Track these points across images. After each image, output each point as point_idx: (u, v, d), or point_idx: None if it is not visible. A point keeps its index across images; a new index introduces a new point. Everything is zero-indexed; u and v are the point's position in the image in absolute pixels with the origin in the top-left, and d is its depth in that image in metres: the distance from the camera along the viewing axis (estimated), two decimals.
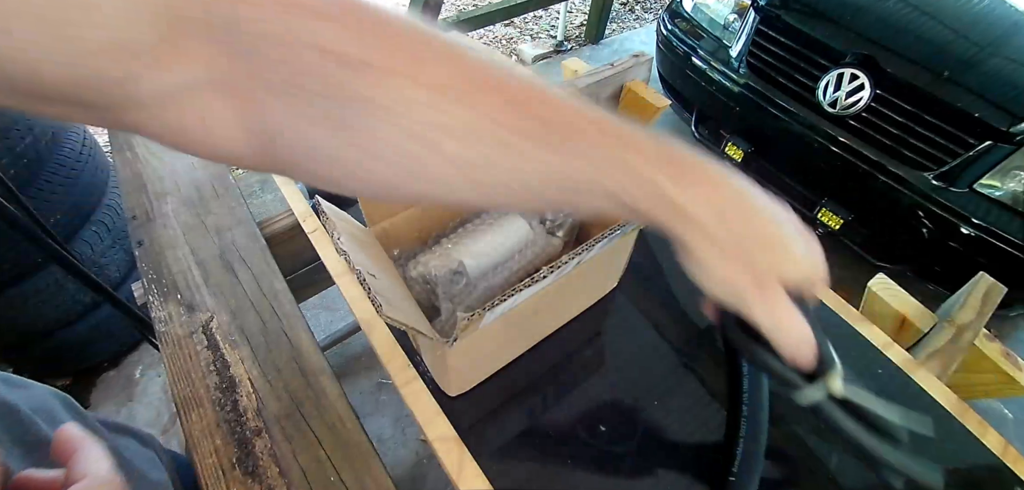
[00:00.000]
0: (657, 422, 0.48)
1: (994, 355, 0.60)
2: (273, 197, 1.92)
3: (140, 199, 0.71)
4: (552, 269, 0.36)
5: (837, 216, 1.55)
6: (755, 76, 1.66)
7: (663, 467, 0.45)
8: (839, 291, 0.59)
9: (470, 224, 0.53)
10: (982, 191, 1.34)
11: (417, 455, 1.27)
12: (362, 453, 0.49)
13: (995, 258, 1.32)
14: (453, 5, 3.38)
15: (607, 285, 0.57)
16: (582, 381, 0.51)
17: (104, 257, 1.18)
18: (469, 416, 0.47)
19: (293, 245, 0.75)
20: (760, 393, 0.48)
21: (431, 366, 0.49)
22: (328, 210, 0.39)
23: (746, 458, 0.45)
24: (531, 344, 0.52)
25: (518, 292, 0.34)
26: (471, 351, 0.44)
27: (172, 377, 0.53)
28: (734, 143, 1.75)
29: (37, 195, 1.00)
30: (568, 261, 0.37)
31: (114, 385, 1.34)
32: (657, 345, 0.54)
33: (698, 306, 0.57)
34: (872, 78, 1.43)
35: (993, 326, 0.61)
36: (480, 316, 0.33)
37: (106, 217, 1.20)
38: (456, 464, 0.44)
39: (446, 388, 0.48)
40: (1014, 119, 1.29)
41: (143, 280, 0.62)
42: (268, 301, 0.61)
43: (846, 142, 1.47)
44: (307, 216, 0.64)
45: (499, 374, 0.50)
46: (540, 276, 0.35)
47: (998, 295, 0.66)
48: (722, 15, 1.81)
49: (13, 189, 0.85)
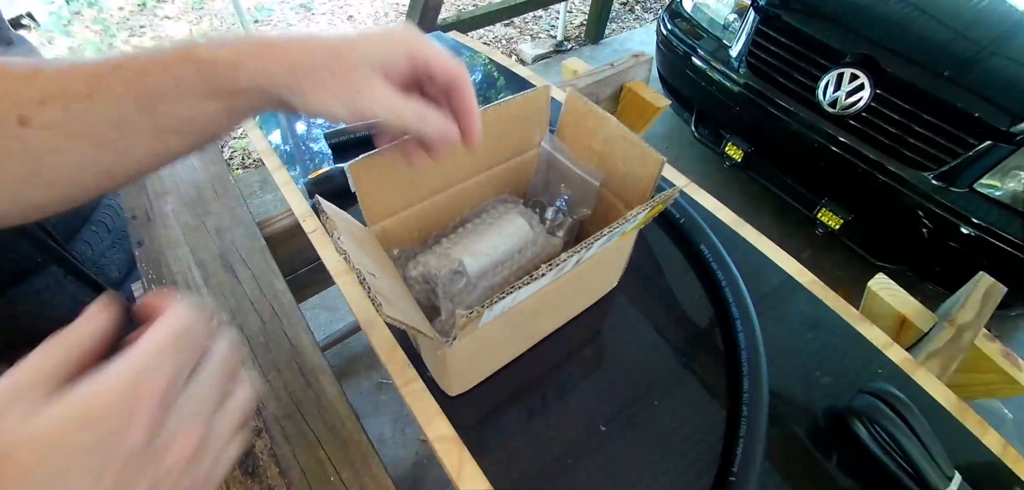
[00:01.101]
0: (657, 422, 0.48)
1: (994, 355, 0.60)
2: (273, 197, 1.93)
3: (140, 199, 0.71)
4: (551, 267, 0.36)
5: (837, 216, 1.55)
6: (755, 76, 1.66)
7: (663, 467, 0.45)
8: (839, 291, 0.59)
9: (470, 224, 0.53)
10: (982, 191, 1.34)
11: (417, 455, 1.27)
12: (362, 453, 0.49)
13: (995, 258, 1.32)
14: (453, 5, 3.38)
15: (607, 285, 0.57)
16: (582, 381, 0.51)
17: (104, 257, 1.18)
18: (469, 416, 0.47)
19: (293, 245, 0.75)
20: (760, 393, 0.48)
21: (431, 366, 0.49)
22: (328, 209, 0.39)
23: (746, 458, 0.45)
24: (531, 343, 0.52)
25: (517, 290, 0.34)
26: (471, 351, 0.44)
27: None
28: (734, 143, 1.75)
29: None
30: (567, 259, 0.37)
31: None
32: (657, 345, 0.54)
33: (698, 307, 0.57)
34: (872, 78, 1.43)
35: (993, 326, 0.61)
36: (479, 314, 0.33)
37: (106, 217, 1.20)
38: (456, 464, 0.44)
39: (446, 388, 0.48)
40: (1014, 119, 1.29)
41: (143, 280, 0.62)
42: (268, 301, 0.61)
43: (846, 142, 1.47)
44: (307, 216, 0.64)
45: (499, 374, 0.50)
46: (539, 274, 0.35)
47: (998, 295, 0.66)
48: (722, 15, 1.81)
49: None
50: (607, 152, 0.52)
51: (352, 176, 0.46)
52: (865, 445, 0.45)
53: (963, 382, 0.61)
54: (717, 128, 1.86)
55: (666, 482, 0.45)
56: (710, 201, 0.69)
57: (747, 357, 0.51)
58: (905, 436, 0.43)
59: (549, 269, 0.36)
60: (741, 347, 0.52)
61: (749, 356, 0.51)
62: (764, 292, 0.59)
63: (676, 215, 0.65)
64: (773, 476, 0.46)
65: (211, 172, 0.76)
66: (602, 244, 0.40)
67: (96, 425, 0.18)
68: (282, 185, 0.68)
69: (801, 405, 0.50)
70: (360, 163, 0.42)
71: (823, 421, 0.49)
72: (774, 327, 0.55)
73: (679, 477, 0.45)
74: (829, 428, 0.49)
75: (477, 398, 0.49)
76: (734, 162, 1.77)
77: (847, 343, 0.55)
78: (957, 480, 0.43)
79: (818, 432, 0.49)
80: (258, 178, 2.01)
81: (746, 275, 0.58)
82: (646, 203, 0.41)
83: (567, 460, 0.45)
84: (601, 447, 0.46)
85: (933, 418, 0.49)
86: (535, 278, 0.35)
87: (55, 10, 2.86)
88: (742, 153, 1.73)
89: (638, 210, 0.40)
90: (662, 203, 0.42)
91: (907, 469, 0.44)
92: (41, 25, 2.77)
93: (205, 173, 0.76)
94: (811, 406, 0.50)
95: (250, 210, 0.72)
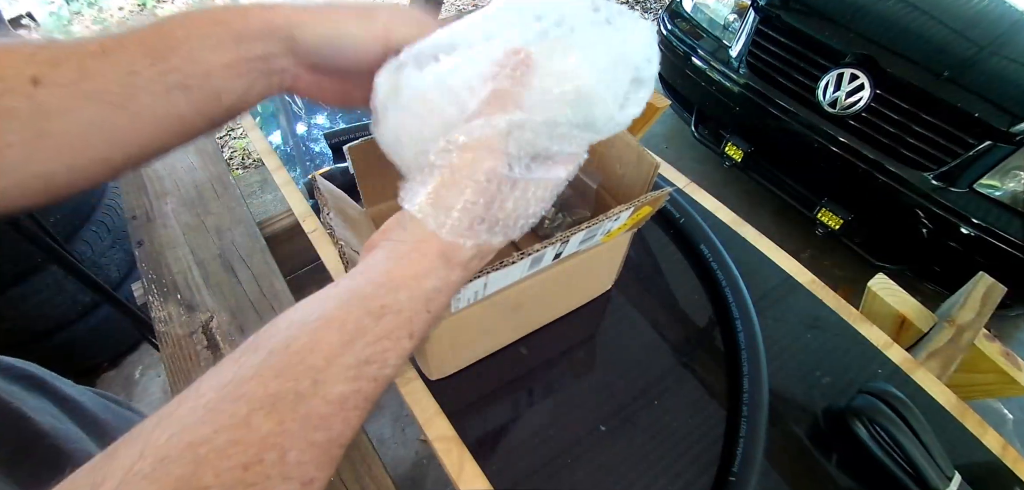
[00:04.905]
0: (657, 422, 0.48)
1: (994, 355, 0.60)
2: (273, 197, 1.93)
3: (140, 199, 0.71)
4: (524, 255, 0.36)
5: (837, 216, 1.55)
6: (755, 76, 1.66)
7: (663, 467, 0.45)
8: (839, 291, 0.59)
9: None
10: (982, 191, 1.34)
11: (417, 455, 1.27)
12: (362, 453, 0.49)
13: (995, 258, 1.32)
14: (453, 5, 3.38)
15: (600, 285, 0.57)
16: (582, 381, 0.51)
17: (104, 257, 1.18)
18: (469, 417, 0.47)
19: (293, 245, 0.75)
20: (760, 393, 0.48)
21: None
22: (323, 187, 0.39)
23: (746, 458, 0.45)
24: (517, 336, 0.52)
25: (487, 273, 0.34)
26: (451, 335, 0.44)
27: (172, 377, 0.53)
28: (734, 143, 1.75)
29: None
30: (544, 250, 0.37)
31: (114, 385, 1.34)
32: (657, 344, 0.54)
33: (698, 307, 0.57)
34: (872, 78, 1.43)
35: (993, 326, 0.61)
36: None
37: (106, 217, 1.20)
38: (456, 464, 0.44)
39: (426, 371, 0.48)
40: (1014, 119, 1.29)
41: (143, 280, 0.62)
42: (268, 301, 0.61)
43: (846, 142, 1.47)
44: (307, 216, 0.64)
45: (499, 373, 0.50)
46: (510, 260, 0.35)
47: (998, 295, 0.66)
48: (722, 15, 1.81)
49: None
50: (605, 153, 0.52)
51: (350, 159, 0.46)
52: (865, 445, 0.45)
53: (963, 382, 0.61)
54: (717, 128, 1.86)
55: (666, 482, 0.45)
56: (710, 201, 0.69)
57: (747, 357, 0.51)
58: (905, 436, 0.43)
59: (521, 257, 0.36)
60: (741, 347, 0.52)
61: (749, 356, 0.51)
62: (764, 292, 0.59)
63: (676, 215, 0.65)
64: (773, 476, 0.46)
65: (211, 172, 0.76)
66: (582, 239, 0.40)
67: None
68: (282, 185, 0.68)
69: (801, 405, 0.50)
70: (359, 146, 0.43)
71: (823, 421, 0.49)
72: (774, 327, 0.55)
73: (679, 477, 0.45)
74: (829, 428, 0.49)
75: (477, 398, 0.49)
76: (734, 162, 1.77)
77: (847, 343, 0.55)
78: (957, 480, 0.43)
79: (818, 432, 0.49)
80: (258, 178, 2.01)
81: (746, 275, 0.58)
82: (631, 203, 0.40)
83: (567, 460, 0.45)
84: (601, 447, 0.46)
85: (933, 418, 0.49)
86: (505, 264, 0.35)
87: (55, 10, 2.86)
88: (742, 153, 1.73)
89: (620, 209, 0.40)
90: (650, 205, 0.42)
91: (907, 469, 0.44)
92: (41, 25, 2.78)
93: (205, 173, 0.76)
94: (811, 406, 0.50)
95: (250, 210, 0.72)
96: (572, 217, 0.57)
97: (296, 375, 0.20)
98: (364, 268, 0.24)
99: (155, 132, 0.28)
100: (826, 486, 0.46)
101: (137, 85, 0.26)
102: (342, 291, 0.23)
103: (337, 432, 0.21)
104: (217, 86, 0.28)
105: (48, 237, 0.79)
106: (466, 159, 0.25)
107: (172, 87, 0.27)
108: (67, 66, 0.25)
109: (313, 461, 0.20)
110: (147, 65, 0.26)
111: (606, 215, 0.39)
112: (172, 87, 0.27)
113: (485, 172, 0.25)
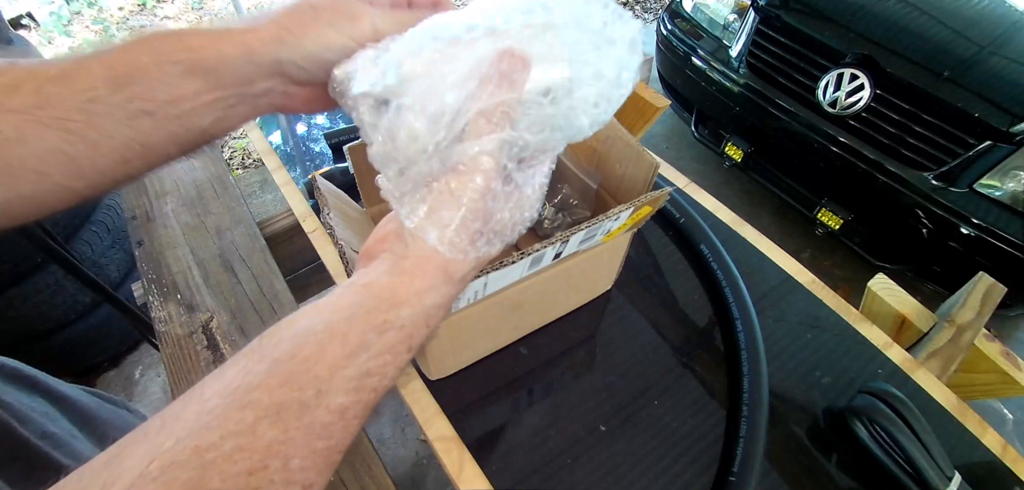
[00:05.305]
0: (657, 421, 0.48)
1: (994, 355, 0.60)
2: (273, 197, 1.93)
3: (140, 199, 0.71)
4: (524, 255, 0.36)
5: (837, 216, 1.55)
6: (755, 76, 1.66)
7: (663, 467, 0.45)
8: (839, 291, 0.59)
9: None
10: (982, 191, 1.34)
11: (417, 455, 1.27)
12: (362, 453, 0.49)
13: (995, 258, 1.32)
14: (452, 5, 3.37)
15: (600, 286, 0.57)
16: (582, 380, 0.51)
17: (104, 257, 1.18)
18: (469, 417, 0.47)
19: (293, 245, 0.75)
20: (760, 393, 0.48)
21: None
22: (323, 187, 0.39)
23: (746, 458, 0.45)
24: (517, 336, 0.52)
25: (487, 274, 0.34)
26: (451, 335, 0.44)
27: (172, 377, 0.53)
28: (734, 143, 1.75)
29: None
30: (544, 250, 0.37)
31: (114, 385, 1.34)
32: (657, 344, 0.54)
33: (698, 307, 0.57)
34: (872, 78, 1.43)
35: (993, 326, 0.61)
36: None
37: (106, 217, 1.20)
38: (456, 464, 0.44)
39: (426, 371, 0.48)
40: (1014, 119, 1.29)
41: (143, 280, 0.62)
42: (268, 301, 0.61)
43: (846, 142, 1.47)
44: (307, 216, 0.64)
45: (499, 372, 0.50)
46: (509, 260, 0.35)
47: (998, 295, 0.66)
48: (722, 15, 1.81)
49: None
50: (605, 153, 0.52)
51: (350, 159, 0.46)
52: (865, 445, 0.45)
53: (963, 382, 0.61)
54: (717, 128, 1.86)
55: (666, 482, 0.45)
56: (710, 201, 0.69)
57: (747, 357, 0.51)
58: (905, 436, 0.43)
59: (521, 257, 0.36)
60: (741, 347, 0.52)
61: (749, 356, 0.51)
62: (764, 292, 0.59)
63: (676, 215, 0.65)
64: (773, 476, 0.46)
65: (211, 172, 0.76)
66: (582, 239, 0.40)
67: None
68: (282, 185, 0.68)
69: (801, 405, 0.50)
70: (359, 146, 0.43)
71: (823, 421, 0.49)
72: (774, 327, 0.55)
73: (679, 477, 0.45)
74: (829, 428, 0.49)
75: (477, 398, 0.49)
76: (734, 162, 1.77)
77: (847, 343, 0.55)
78: (957, 480, 0.43)
79: (818, 432, 0.49)
80: (258, 178, 2.01)
81: (746, 275, 0.58)
82: (631, 203, 0.40)
83: (567, 460, 0.45)
84: (601, 447, 0.46)
85: (933, 418, 0.49)
86: (505, 264, 0.35)
87: (55, 10, 2.86)
88: (742, 153, 1.73)
89: (620, 209, 0.40)
90: (650, 205, 0.42)
91: (907, 469, 0.44)
92: (41, 25, 2.78)
93: (205, 173, 0.76)
94: (811, 406, 0.50)
95: (250, 210, 0.72)
96: (572, 217, 0.57)
97: (301, 385, 0.20)
98: (367, 280, 0.24)
99: (120, 159, 0.26)
100: (826, 486, 0.46)
101: (97, 112, 0.25)
102: (346, 303, 0.23)
103: (338, 439, 0.21)
104: (185, 113, 0.27)
105: (48, 237, 0.79)
106: (462, 180, 0.25)
107: (135, 114, 0.26)
108: (24, 91, 0.24)
109: (315, 467, 0.20)
110: (108, 91, 0.25)
111: (606, 215, 0.39)
112: (135, 114, 0.26)
113: (481, 190, 0.25)
